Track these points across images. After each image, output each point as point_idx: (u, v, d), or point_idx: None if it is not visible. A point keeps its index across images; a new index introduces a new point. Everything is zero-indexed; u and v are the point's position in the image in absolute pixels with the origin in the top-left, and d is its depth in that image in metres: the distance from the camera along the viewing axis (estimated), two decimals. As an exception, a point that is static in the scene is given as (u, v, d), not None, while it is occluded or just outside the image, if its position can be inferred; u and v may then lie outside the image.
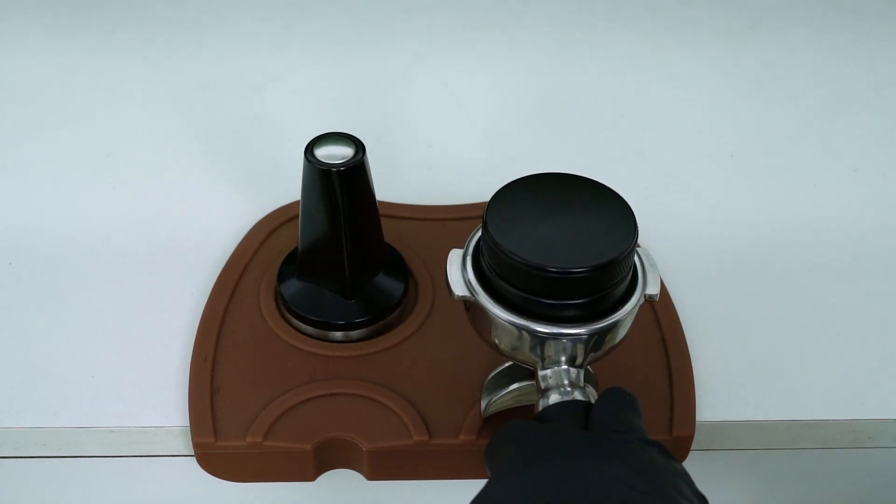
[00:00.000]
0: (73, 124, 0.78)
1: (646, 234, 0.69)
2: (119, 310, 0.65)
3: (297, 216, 0.62)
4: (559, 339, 0.49)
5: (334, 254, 0.60)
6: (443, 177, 0.75)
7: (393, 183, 0.72)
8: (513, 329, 0.49)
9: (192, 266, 0.68)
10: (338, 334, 0.62)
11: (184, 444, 0.60)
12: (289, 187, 0.69)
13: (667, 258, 0.66)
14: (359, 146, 0.58)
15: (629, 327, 0.51)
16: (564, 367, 0.50)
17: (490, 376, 0.57)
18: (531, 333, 0.49)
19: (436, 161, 0.77)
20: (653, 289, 0.52)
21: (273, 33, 0.86)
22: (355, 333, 0.62)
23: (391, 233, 0.66)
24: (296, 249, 0.63)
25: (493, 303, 0.50)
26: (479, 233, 0.53)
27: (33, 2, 0.87)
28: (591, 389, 0.51)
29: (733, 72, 0.85)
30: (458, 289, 0.51)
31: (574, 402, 0.49)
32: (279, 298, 0.63)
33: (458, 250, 0.53)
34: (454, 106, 0.82)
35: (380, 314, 0.62)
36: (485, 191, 0.73)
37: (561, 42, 0.82)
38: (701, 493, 0.43)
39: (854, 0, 0.91)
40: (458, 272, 0.52)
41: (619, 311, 0.50)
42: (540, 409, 0.49)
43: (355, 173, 0.58)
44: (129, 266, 0.68)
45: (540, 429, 0.45)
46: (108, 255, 0.69)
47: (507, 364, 0.56)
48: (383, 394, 0.59)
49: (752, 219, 0.74)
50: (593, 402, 0.49)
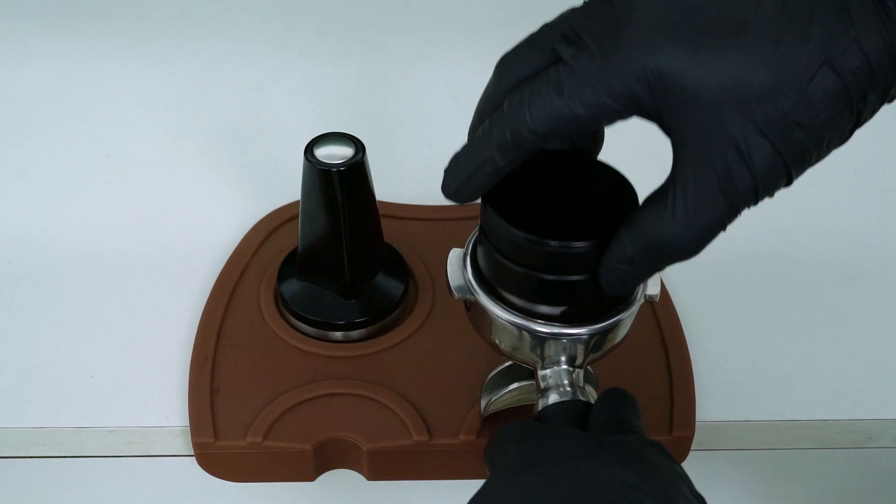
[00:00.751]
0: (72, 125, 0.78)
1: (646, 234, 0.69)
2: (119, 310, 0.65)
3: (296, 216, 0.62)
4: (559, 340, 0.49)
5: (334, 254, 0.60)
6: (442, 177, 0.75)
7: (393, 183, 0.72)
8: (513, 329, 0.49)
9: (191, 266, 0.68)
10: (338, 334, 0.62)
11: (184, 443, 0.60)
12: (289, 187, 0.69)
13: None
14: (359, 146, 0.58)
15: (629, 327, 0.51)
16: (564, 367, 0.50)
17: (490, 376, 0.57)
18: (531, 333, 0.49)
19: (436, 161, 0.77)
20: (653, 289, 0.52)
21: (273, 33, 0.86)
22: (355, 333, 0.62)
23: (391, 233, 0.65)
24: (296, 249, 0.63)
25: (493, 303, 0.50)
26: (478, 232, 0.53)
27: (33, 2, 0.87)
28: (590, 389, 0.51)
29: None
30: (459, 289, 0.51)
31: (574, 402, 0.49)
32: (279, 298, 0.63)
33: (459, 250, 0.53)
34: (454, 106, 0.82)
35: (380, 314, 0.62)
36: (485, 191, 0.73)
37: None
38: (700, 495, 0.43)
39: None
40: (458, 272, 0.52)
41: (620, 312, 0.50)
42: (539, 409, 0.49)
43: (355, 173, 0.58)
44: (129, 266, 0.68)
45: (539, 430, 0.45)
46: (108, 256, 0.69)
47: (506, 364, 0.56)
48: (383, 394, 0.59)
49: (752, 219, 0.73)
50: (593, 402, 0.49)
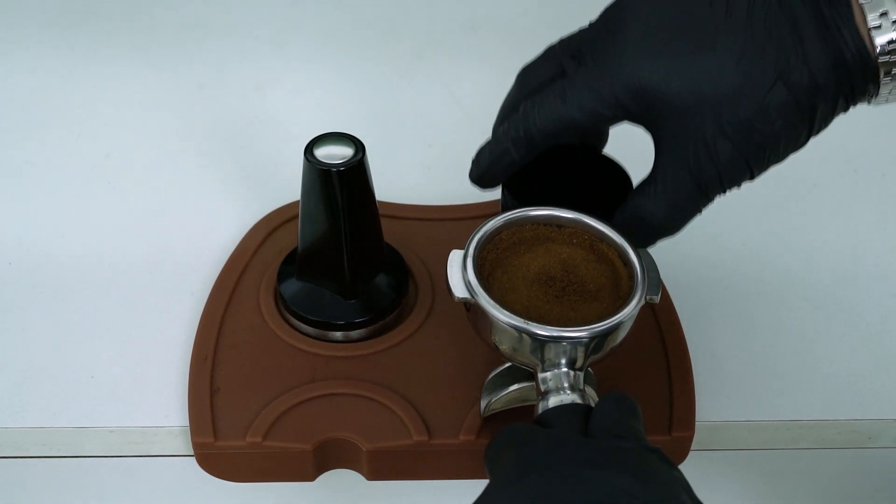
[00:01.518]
0: (72, 125, 0.78)
1: (646, 234, 0.69)
2: (119, 310, 0.65)
3: (296, 216, 0.62)
4: (559, 343, 0.49)
5: (334, 254, 0.60)
6: (443, 177, 0.75)
7: (393, 183, 0.72)
8: (512, 332, 0.49)
9: (191, 266, 0.68)
10: (338, 334, 0.62)
11: (183, 443, 0.60)
12: (288, 187, 0.69)
13: (666, 258, 0.66)
14: (358, 146, 0.58)
15: (630, 329, 0.51)
16: (564, 369, 0.50)
17: (490, 376, 0.57)
18: (531, 336, 0.49)
19: (436, 161, 0.77)
20: (654, 291, 0.52)
21: (273, 33, 0.86)
22: (355, 333, 0.62)
23: (391, 233, 0.65)
24: (295, 249, 0.63)
25: (493, 305, 0.50)
26: (478, 233, 0.53)
27: (33, 3, 0.87)
28: (590, 391, 0.51)
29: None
30: (459, 291, 0.51)
31: (574, 405, 0.49)
32: (279, 298, 0.63)
33: (459, 251, 0.53)
34: (454, 106, 0.82)
35: (380, 314, 0.62)
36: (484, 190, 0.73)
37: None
38: (700, 501, 0.43)
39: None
40: (458, 274, 0.52)
41: (621, 314, 0.50)
42: (539, 413, 0.49)
43: (355, 173, 0.58)
44: (129, 266, 0.68)
45: (539, 435, 0.45)
46: (108, 255, 0.69)
47: (507, 364, 0.56)
48: (383, 394, 0.59)
49: (752, 219, 0.74)
50: (593, 404, 0.49)
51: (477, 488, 0.44)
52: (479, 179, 0.55)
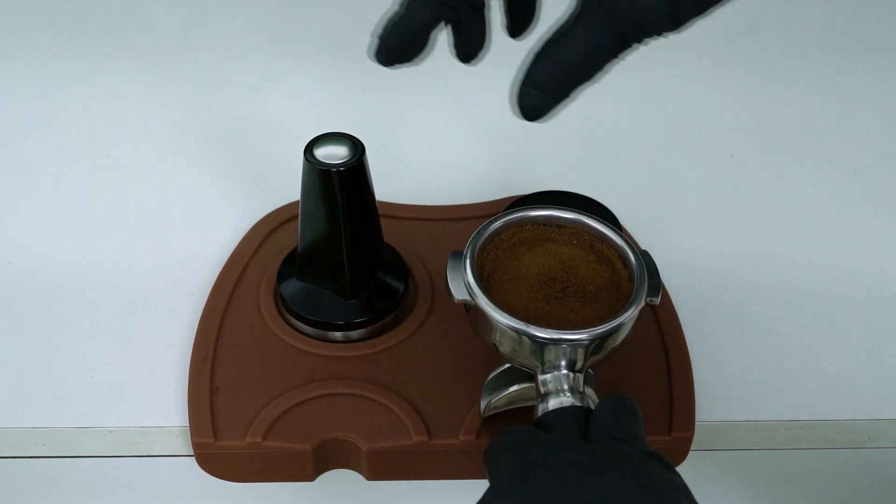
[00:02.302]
0: (72, 125, 0.78)
1: (645, 233, 0.69)
2: (119, 310, 0.65)
3: (296, 216, 0.61)
4: (559, 345, 0.49)
5: (334, 254, 0.60)
6: (443, 177, 0.75)
7: (393, 183, 0.72)
8: (512, 334, 0.49)
9: (191, 266, 0.68)
10: (337, 334, 0.62)
11: (183, 444, 0.60)
12: (288, 187, 0.69)
13: (666, 258, 0.66)
14: (358, 146, 0.58)
15: (630, 331, 0.51)
16: (564, 371, 0.50)
17: (490, 377, 0.57)
18: (531, 338, 0.49)
19: (436, 161, 0.77)
20: (654, 292, 0.52)
21: (273, 33, 0.86)
22: (355, 333, 0.62)
23: (391, 233, 0.65)
24: (295, 249, 0.63)
25: (493, 307, 0.50)
26: (478, 233, 0.53)
27: (33, 3, 0.87)
28: (590, 392, 0.51)
29: (733, 72, 0.85)
30: (459, 293, 0.51)
31: (574, 408, 0.48)
32: (279, 298, 0.63)
33: (459, 252, 0.53)
34: (454, 106, 0.82)
35: (379, 314, 0.62)
36: (485, 191, 0.73)
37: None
38: None
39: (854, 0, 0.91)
40: (458, 275, 0.52)
41: (621, 316, 0.50)
42: (539, 415, 0.49)
43: (355, 173, 0.58)
44: (129, 266, 0.68)
45: (539, 439, 0.45)
46: (108, 255, 0.69)
47: (506, 364, 0.56)
48: (383, 394, 0.59)
49: (752, 219, 0.74)
50: (593, 406, 0.49)
51: (476, 488, 0.44)
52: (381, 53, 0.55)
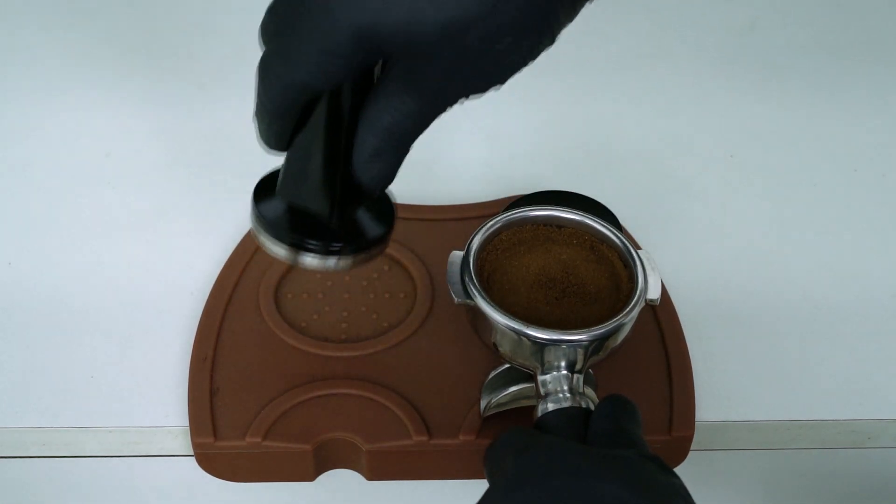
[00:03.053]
0: (72, 124, 0.78)
1: (645, 233, 0.69)
2: (119, 309, 0.65)
3: (296, 216, 0.61)
4: (559, 346, 0.49)
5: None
6: (443, 177, 0.75)
7: (393, 183, 0.72)
8: (512, 335, 0.49)
9: (191, 266, 0.68)
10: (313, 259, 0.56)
11: (183, 443, 0.60)
12: (289, 187, 0.69)
13: (666, 258, 0.66)
14: (358, 146, 0.58)
15: (630, 331, 0.51)
16: (564, 372, 0.50)
17: (490, 376, 0.57)
18: (531, 339, 0.49)
19: (436, 161, 0.77)
20: (654, 293, 0.52)
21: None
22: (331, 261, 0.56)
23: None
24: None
25: (492, 308, 0.50)
26: (478, 234, 0.53)
27: (33, 3, 0.87)
28: (590, 393, 0.51)
29: (733, 72, 0.85)
30: (459, 294, 0.51)
31: (573, 409, 0.49)
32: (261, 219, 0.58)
33: (459, 252, 0.53)
34: (454, 106, 0.82)
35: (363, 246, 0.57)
36: (485, 191, 0.73)
37: (559, 41, 0.82)
38: None
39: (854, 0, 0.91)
40: (458, 276, 0.52)
41: (620, 317, 0.50)
42: (539, 416, 0.49)
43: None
44: (129, 266, 0.68)
45: (539, 440, 0.45)
46: (108, 255, 0.69)
47: (506, 364, 0.56)
48: (383, 394, 0.59)
49: (752, 219, 0.74)
50: (593, 407, 0.49)
51: (476, 488, 0.44)
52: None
